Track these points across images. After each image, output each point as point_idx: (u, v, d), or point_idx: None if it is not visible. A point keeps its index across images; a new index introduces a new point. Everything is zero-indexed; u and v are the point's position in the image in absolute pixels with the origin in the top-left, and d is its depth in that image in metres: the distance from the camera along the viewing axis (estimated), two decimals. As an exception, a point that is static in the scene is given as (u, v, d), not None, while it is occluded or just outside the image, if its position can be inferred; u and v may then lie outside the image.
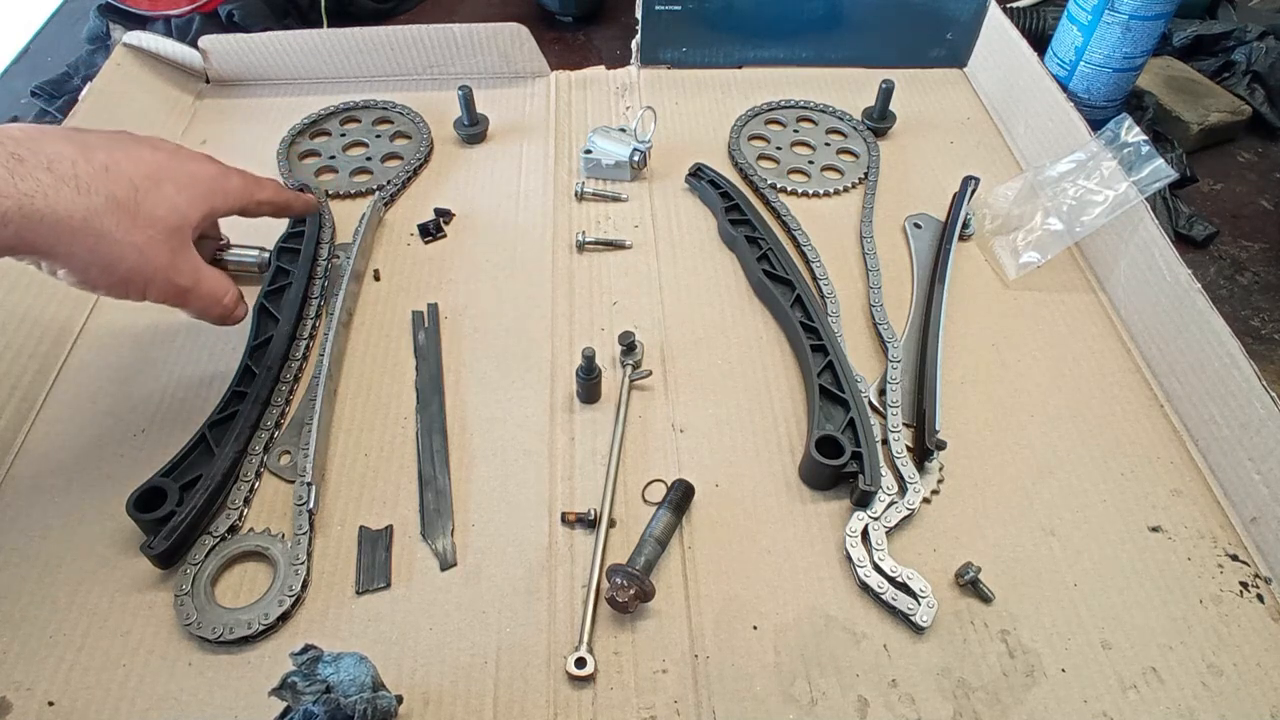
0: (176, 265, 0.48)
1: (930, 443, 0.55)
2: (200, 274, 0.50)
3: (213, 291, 0.51)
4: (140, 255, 0.46)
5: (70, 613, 0.48)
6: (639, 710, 0.45)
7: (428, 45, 0.84)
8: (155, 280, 0.47)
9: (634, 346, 0.60)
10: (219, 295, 0.51)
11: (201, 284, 0.50)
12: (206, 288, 0.50)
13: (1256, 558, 0.52)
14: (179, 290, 0.49)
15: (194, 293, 0.50)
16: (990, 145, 0.82)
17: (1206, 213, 0.79)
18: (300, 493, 0.52)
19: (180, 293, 0.49)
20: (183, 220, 0.48)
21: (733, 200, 0.71)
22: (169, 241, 0.47)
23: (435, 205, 0.73)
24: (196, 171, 0.50)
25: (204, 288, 0.50)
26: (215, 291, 0.51)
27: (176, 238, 0.48)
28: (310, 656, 0.39)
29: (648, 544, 0.50)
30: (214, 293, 0.51)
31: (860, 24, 0.87)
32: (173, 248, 0.47)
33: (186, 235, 0.49)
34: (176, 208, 0.48)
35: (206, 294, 0.50)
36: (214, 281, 0.51)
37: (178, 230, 0.48)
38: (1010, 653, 0.48)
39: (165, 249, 0.47)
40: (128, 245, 0.45)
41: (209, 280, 0.51)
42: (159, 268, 0.47)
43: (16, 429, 0.57)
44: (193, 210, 0.49)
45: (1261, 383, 0.52)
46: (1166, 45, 0.94)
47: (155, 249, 0.46)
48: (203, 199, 0.50)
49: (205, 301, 0.51)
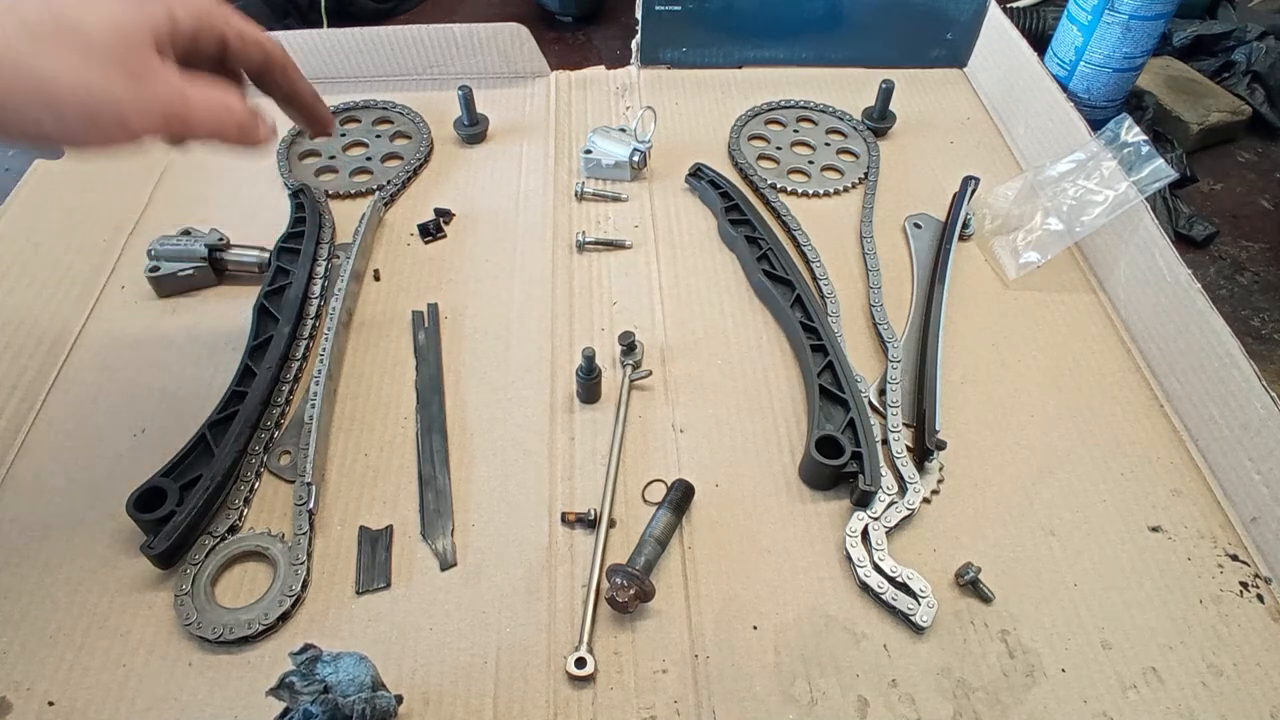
0: (146, 84, 0.39)
1: (930, 443, 0.55)
2: (185, 87, 0.40)
3: (211, 104, 0.41)
4: (84, 81, 0.37)
5: (70, 613, 0.48)
6: (639, 710, 0.45)
7: (428, 45, 0.84)
8: (125, 107, 0.38)
9: (634, 346, 0.60)
10: (222, 105, 0.41)
11: (192, 98, 0.40)
12: (202, 101, 0.40)
13: (1256, 558, 0.52)
14: (166, 111, 0.39)
15: (188, 110, 0.40)
16: (990, 145, 0.82)
17: (1206, 213, 0.79)
18: (300, 493, 0.52)
19: (169, 114, 0.39)
20: (129, 32, 0.38)
21: (733, 200, 0.71)
22: (118, 58, 0.38)
23: (435, 205, 0.73)
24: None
25: (198, 101, 0.40)
26: (215, 103, 0.41)
27: (131, 53, 0.38)
28: (309, 656, 0.39)
29: (648, 544, 0.50)
30: (214, 104, 0.41)
31: (860, 24, 0.87)
32: (129, 66, 0.38)
33: (145, 51, 0.39)
34: (116, 18, 0.38)
35: (205, 107, 0.41)
36: (208, 93, 0.41)
37: (126, 45, 0.38)
38: (1010, 653, 0.48)
39: (118, 68, 0.38)
40: (63, 73, 0.37)
41: (202, 92, 0.41)
42: (120, 92, 0.38)
43: (16, 429, 0.57)
44: (140, 18, 0.39)
45: (1261, 383, 0.52)
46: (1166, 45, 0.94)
47: (101, 70, 0.37)
48: (154, 5, 0.40)
49: (208, 117, 0.41)
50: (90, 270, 0.67)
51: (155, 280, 0.64)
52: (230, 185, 0.75)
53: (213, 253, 0.65)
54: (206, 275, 0.65)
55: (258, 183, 0.75)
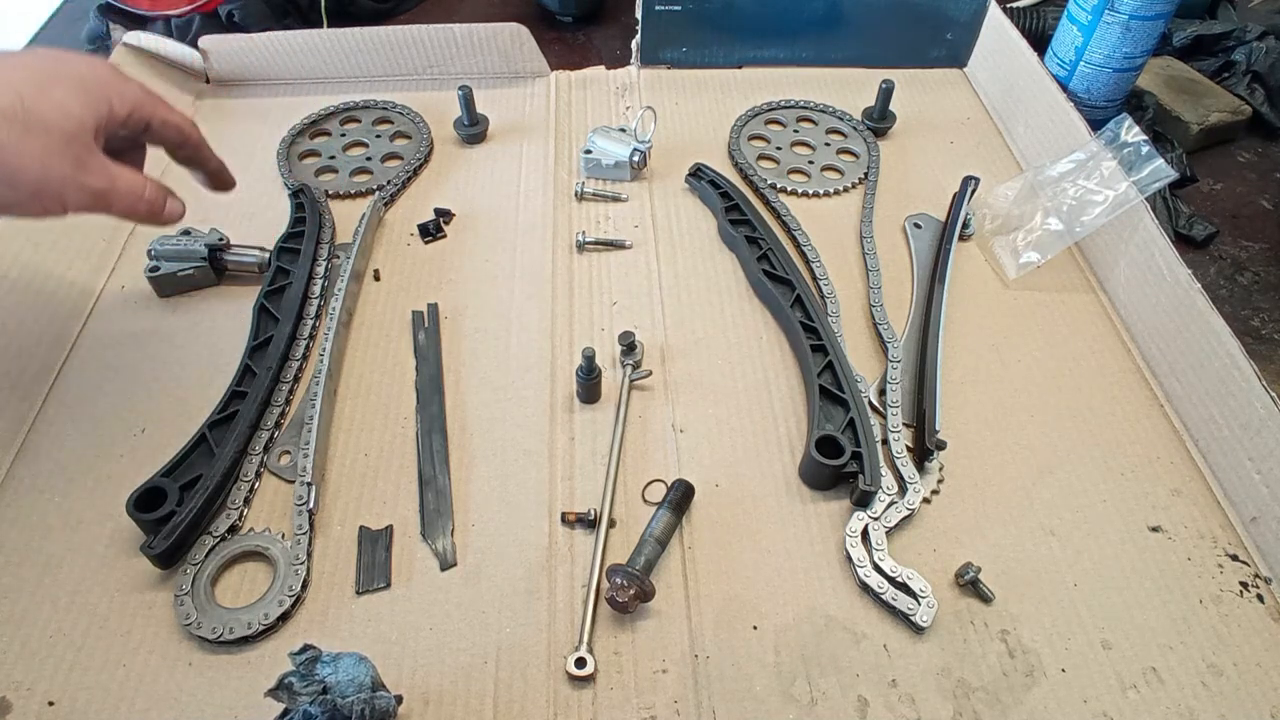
0: (86, 169, 0.46)
1: (930, 443, 0.55)
2: (114, 175, 0.48)
3: (131, 189, 0.49)
4: (41, 165, 0.44)
5: (70, 613, 0.48)
6: (639, 710, 0.45)
7: (428, 45, 0.84)
8: (67, 188, 0.45)
9: (634, 346, 0.60)
10: (138, 191, 0.50)
11: (118, 184, 0.48)
12: (124, 186, 0.49)
13: (1256, 558, 0.52)
14: (95, 193, 0.47)
15: (113, 193, 0.48)
16: (990, 145, 0.82)
17: (1206, 213, 0.79)
18: (300, 493, 0.52)
19: (97, 195, 0.47)
20: (80, 124, 0.46)
21: (733, 200, 0.71)
22: (70, 147, 0.45)
23: (435, 205, 0.73)
24: (86, 73, 0.48)
25: (121, 187, 0.48)
26: (134, 189, 0.49)
27: (77, 142, 0.46)
28: (309, 656, 0.39)
29: (648, 544, 0.50)
30: (132, 190, 0.49)
31: (860, 24, 0.87)
32: (76, 153, 0.45)
33: (88, 139, 0.46)
34: (70, 111, 0.45)
35: (125, 192, 0.49)
36: (129, 179, 0.49)
37: (76, 135, 0.46)
38: (1010, 653, 0.48)
39: (68, 155, 0.45)
40: (26, 156, 0.43)
41: (125, 179, 0.49)
42: (66, 175, 0.45)
43: (16, 429, 0.57)
44: (88, 112, 0.46)
45: (1261, 383, 0.52)
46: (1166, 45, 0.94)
47: (56, 156, 0.44)
48: (95, 99, 0.47)
49: (126, 200, 0.49)
50: (90, 270, 0.67)
51: (155, 280, 0.64)
52: (230, 185, 0.75)
53: (213, 253, 0.65)
54: (206, 275, 0.65)
55: (258, 183, 0.75)
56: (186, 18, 0.93)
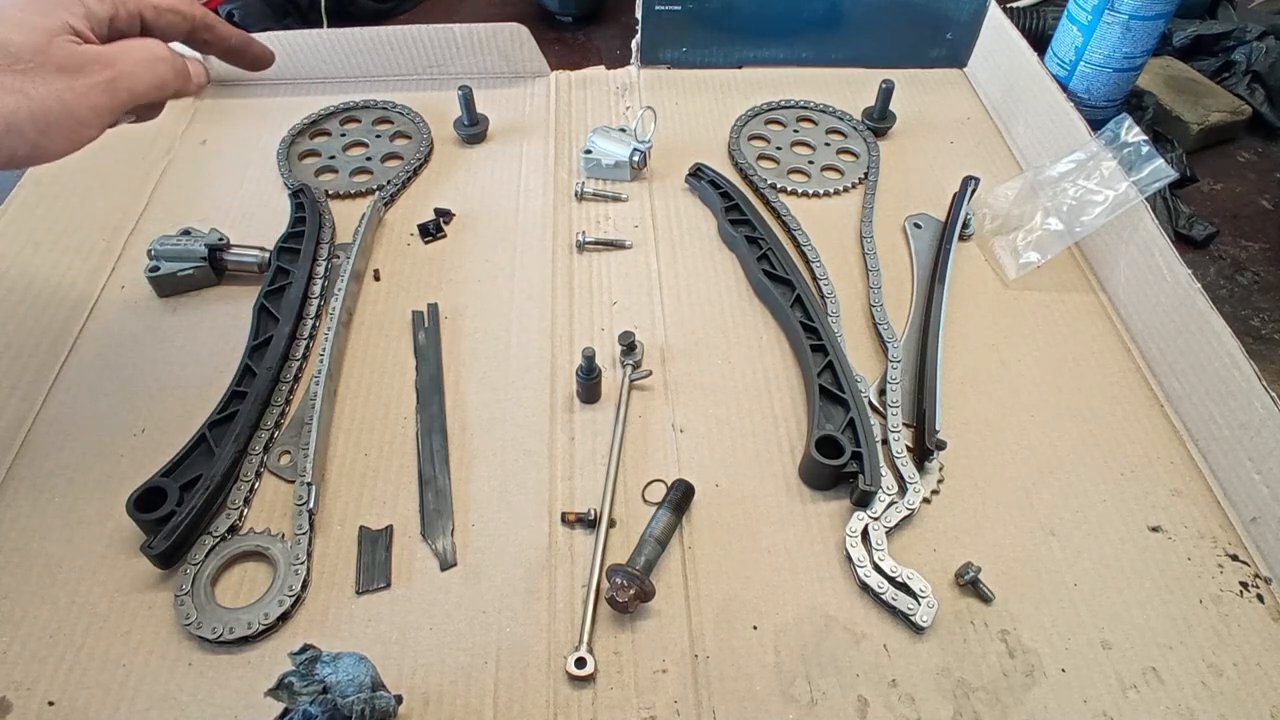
0: (76, 72, 0.39)
1: (930, 443, 0.55)
2: (113, 55, 0.41)
3: (143, 56, 0.43)
4: (29, 96, 0.38)
5: (70, 613, 0.48)
6: (639, 710, 0.45)
7: (428, 45, 0.84)
8: (71, 102, 0.39)
9: (634, 346, 0.60)
10: (154, 53, 0.43)
11: (123, 62, 0.42)
12: (133, 60, 0.42)
13: (1256, 558, 0.52)
14: (107, 87, 0.41)
15: (127, 75, 0.41)
16: (990, 145, 0.82)
17: (1206, 213, 0.79)
18: (300, 493, 0.52)
19: (111, 88, 0.41)
20: (45, 29, 0.39)
21: (733, 200, 0.71)
22: (50, 60, 0.39)
23: (435, 205, 0.73)
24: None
25: (131, 62, 0.42)
26: (145, 55, 0.43)
27: (55, 51, 0.39)
28: (309, 656, 0.39)
29: (648, 544, 0.50)
30: (146, 56, 0.43)
31: (860, 24, 0.87)
32: (59, 62, 0.39)
33: (65, 42, 0.40)
34: (30, 24, 0.39)
35: (140, 65, 0.42)
36: (135, 47, 0.43)
37: (47, 44, 0.39)
38: (1010, 653, 0.48)
39: (52, 70, 0.39)
40: (10, 95, 0.38)
41: (129, 50, 0.42)
42: (60, 90, 0.39)
43: (16, 429, 0.57)
44: (49, 17, 0.40)
45: (1261, 383, 0.52)
46: (1166, 45, 0.94)
47: (39, 77, 0.38)
48: (59, 5, 0.41)
49: (148, 74, 0.42)
50: (90, 270, 0.67)
51: (155, 280, 0.64)
52: (230, 185, 0.75)
53: (213, 253, 0.65)
54: (206, 275, 0.65)
55: (258, 183, 0.75)
56: (186, 18, 0.93)
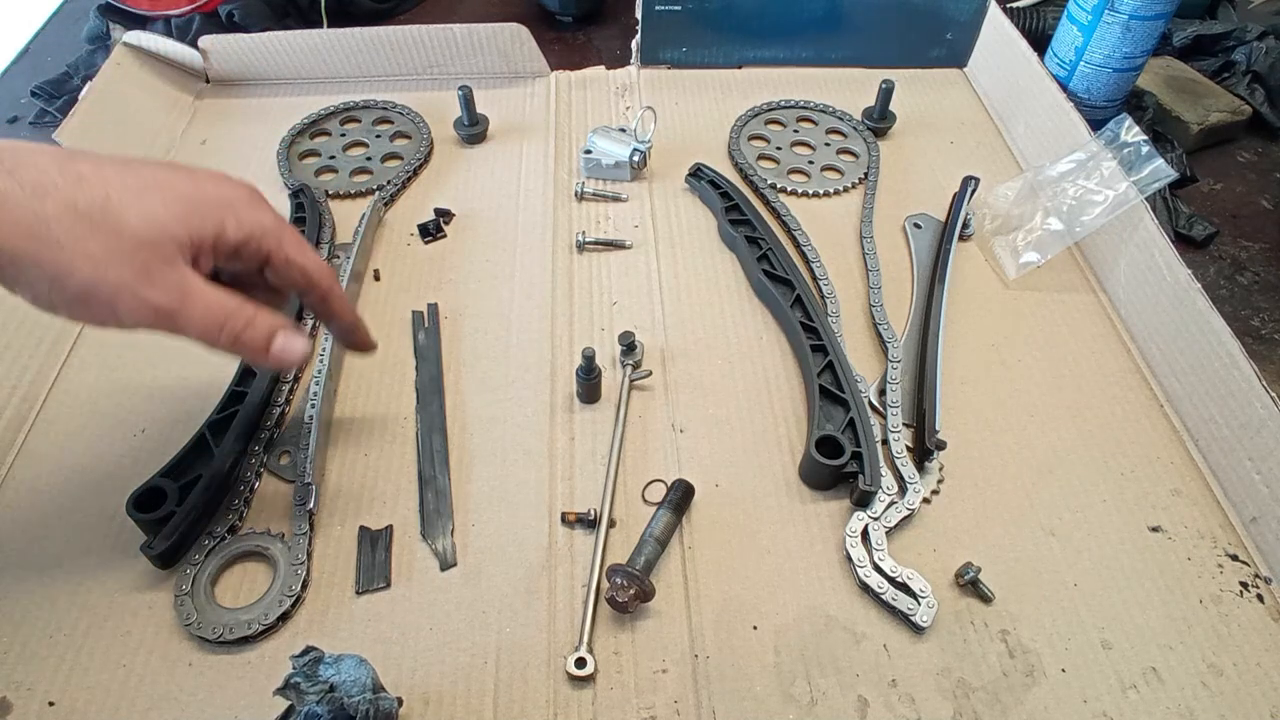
0: (151, 281, 0.40)
1: (930, 443, 0.55)
2: (189, 293, 0.41)
3: (208, 314, 0.42)
4: (95, 267, 0.38)
5: (70, 613, 0.48)
6: (639, 710, 0.45)
7: (428, 45, 0.84)
8: (121, 297, 0.39)
9: (634, 346, 0.60)
10: (218, 316, 0.42)
11: (190, 304, 0.41)
12: (200, 308, 0.41)
13: (1256, 558, 0.52)
14: (157, 310, 0.40)
15: (180, 314, 0.41)
16: (990, 145, 0.82)
17: (1206, 213, 0.79)
18: (300, 493, 0.52)
19: (159, 312, 0.40)
20: (161, 232, 0.40)
21: (733, 200, 0.71)
22: (138, 254, 0.39)
23: (435, 205, 0.73)
24: (207, 189, 0.43)
25: (195, 308, 0.41)
26: (213, 312, 0.42)
27: (151, 251, 0.40)
28: (312, 658, 0.39)
29: (648, 544, 0.50)
30: (209, 315, 0.42)
31: (860, 24, 0.87)
32: (144, 262, 0.40)
33: (168, 250, 0.40)
34: (155, 218, 0.40)
35: (198, 317, 0.41)
36: (209, 301, 0.42)
37: (153, 243, 0.40)
38: (1010, 653, 0.48)
39: (133, 262, 0.39)
40: (80, 255, 0.38)
41: (202, 299, 0.42)
42: (122, 283, 0.39)
43: (16, 429, 0.57)
44: (178, 223, 0.41)
45: (1261, 383, 0.52)
46: (1166, 45, 0.94)
47: (116, 261, 0.39)
48: (200, 216, 0.42)
49: (199, 325, 0.42)
50: (90, 270, 0.67)
51: (155, 280, 0.64)
52: (230, 185, 0.75)
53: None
54: (206, 275, 0.65)
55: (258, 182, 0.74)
56: (186, 18, 0.93)
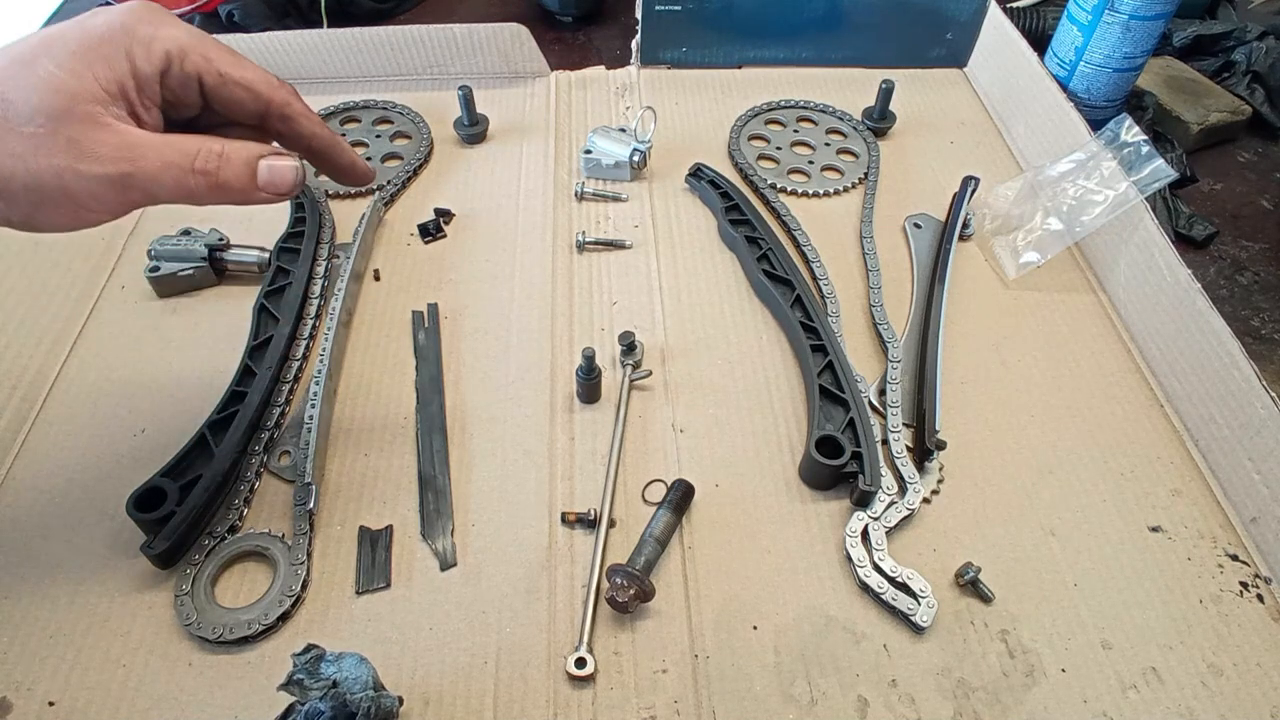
0: (86, 153, 0.35)
1: (930, 443, 0.55)
2: (136, 148, 0.36)
3: (169, 160, 0.37)
4: (26, 164, 0.35)
5: (70, 613, 0.48)
6: (639, 710, 0.45)
7: (428, 45, 0.84)
8: (69, 185, 0.35)
9: (634, 346, 0.60)
10: (181, 162, 0.37)
11: (143, 159, 0.36)
12: (155, 160, 0.37)
13: (1256, 558, 0.52)
14: (112, 180, 0.36)
15: (140, 174, 0.36)
16: (990, 145, 0.82)
17: (1206, 213, 0.79)
18: (300, 493, 0.52)
19: (116, 183, 0.36)
20: (68, 96, 0.35)
21: (733, 200, 0.71)
22: (58, 130, 0.35)
23: (435, 205, 0.73)
24: (93, 26, 0.37)
25: (150, 162, 0.37)
26: (173, 159, 0.37)
27: (68, 120, 0.35)
28: (314, 655, 0.39)
29: (648, 544, 0.50)
30: (172, 161, 0.37)
31: (860, 24, 0.87)
32: (69, 136, 0.35)
33: (85, 111, 0.36)
34: (53, 84, 0.35)
35: (160, 167, 0.37)
36: (165, 148, 0.37)
37: (65, 111, 0.35)
38: (1010, 653, 0.48)
39: (58, 141, 0.35)
40: (6, 157, 0.34)
41: (156, 151, 0.37)
42: (59, 167, 0.35)
43: (16, 429, 0.57)
44: (78, 79, 0.36)
45: (1261, 383, 0.52)
46: (1166, 45, 0.94)
47: (43, 148, 0.35)
48: (100, 59, 0.36)
49: (168, 179, 0.37)
50: (90, 270, 0.67)
51: (155, 280, 0.64)
52: (230, 185, 0.75)
53: (213, 253, 0.65)
54: (206, 275, 0.65)
55: (258, 183, 0.75)
56: (187, 18, 0.93)
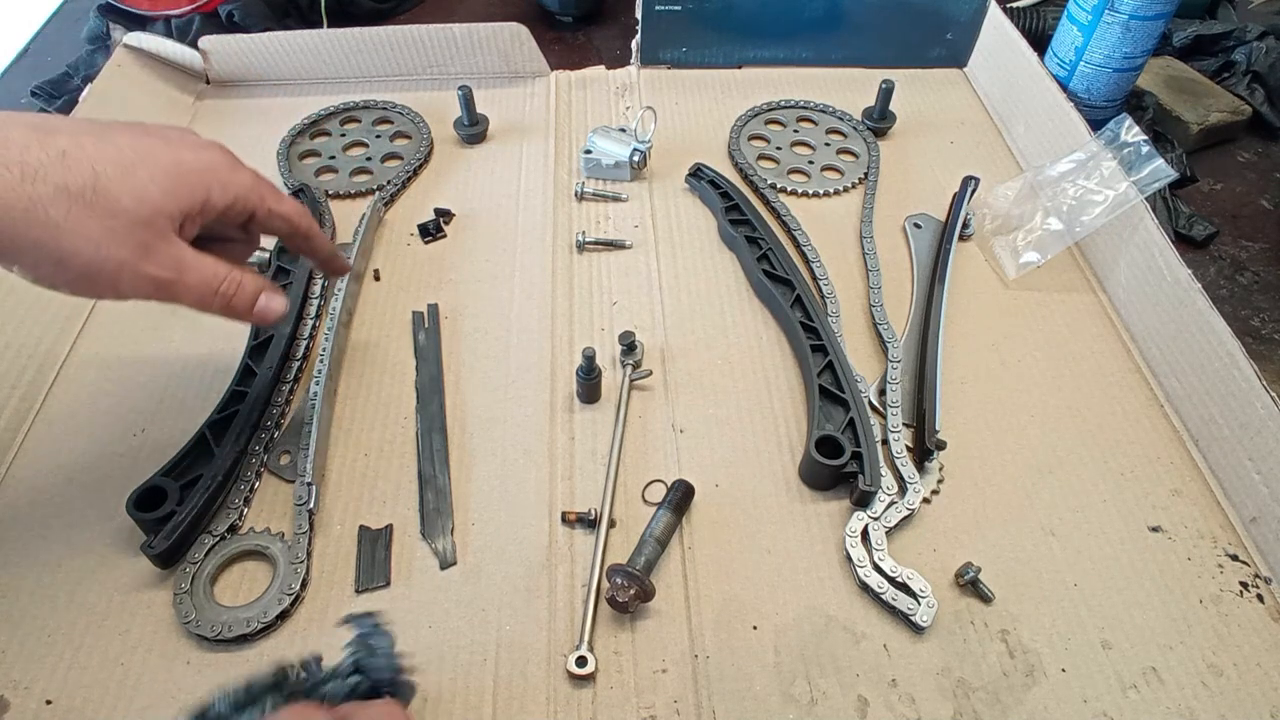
0: (149, 257, 0.43)
1: (930, 443, 0.55)
2: (184, 264, 0.44)
3: (202, 281, 0.45)
4: (96, 249, 0.41)
5: (69, 612, 0.48)
6: (639, 710, 0.45)
7: (428, 45, 0.84)
8: (122, 275, 0.42)
9: (634, 346, 0.60)
10: (209, 284, 0.46)
11: (186, 275, 0.44)
12: (194, 279, 0.45)
13: (1256, 558, 0.52)
14: (157, 283, 0.43)
15: (179, 284, 0.44)
16: (990, 145, 0.82)
17: (1206, 213, 0.79)
18: (300, 492, 0.52)
19: (159, 285, 0.44)
20: (155, 210, 0.43)
21: (733, 200, 0.71)
22: (135, 233, 0.42)
23: (435, 205, 0.73)
24: (187, 159, 0.45)
25: (190, 278, 0.45)
26: (205, 281, 0.45)
27: (146, 228, 0.42)
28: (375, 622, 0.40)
29: (648, 544, 0.50)
30: (204, 282, 0.45)
31: (860, 24, 0.87)
32: (141, 240, 0.42)
33: (162, 225, 0.43)
34: (146, 196, 0.42)
35: (194, 285, 0.45)
36: (203, 271, 0.45)
37: (148, 221, 0.42)
38: (1010, 653, 0.48)
39: (130, 241, 0.42)
40: (80, 238, 0.40)
41: (197, 270, 0.45)
42: (123, 261, 0.42)
43: (16, 429, 0.57)
44: (169, 199, 0.43)
45: (1261, 383, 0.52)
46: (1166, 45, 0.94)
47: (115, 241, 0.41)
48: (188, 188, 0.44)
49: (195, 293, 0.45)
50: (90, 270, 0.67)
51: (155, 280, 0.64)
52: (230, 185, 0.75)
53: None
54: (206, 275, 0.65)
55: (258, 182, 0.75)
56: (186, 18, 0.93)
